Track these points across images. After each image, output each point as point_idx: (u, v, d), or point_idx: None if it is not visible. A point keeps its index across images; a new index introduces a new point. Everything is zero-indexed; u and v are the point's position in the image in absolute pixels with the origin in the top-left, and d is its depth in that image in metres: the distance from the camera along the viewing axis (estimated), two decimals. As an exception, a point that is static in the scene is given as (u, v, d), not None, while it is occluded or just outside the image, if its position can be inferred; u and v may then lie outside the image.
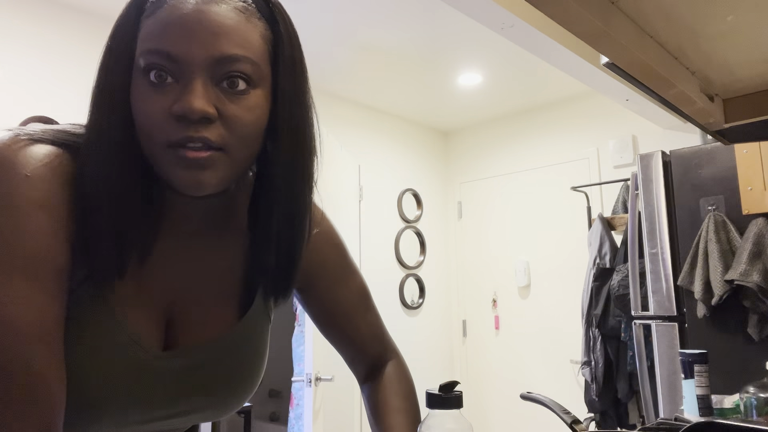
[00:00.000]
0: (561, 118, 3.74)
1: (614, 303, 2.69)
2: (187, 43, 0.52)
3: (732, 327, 2.20)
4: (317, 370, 2.39)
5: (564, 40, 2.29)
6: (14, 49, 2.31)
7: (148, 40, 0.53)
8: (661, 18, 0.72)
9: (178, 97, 0.53)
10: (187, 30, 0.52)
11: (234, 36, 0.54)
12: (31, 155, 0.53)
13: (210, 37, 0.53)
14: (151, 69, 0.53)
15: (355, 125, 3.73)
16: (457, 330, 4.16)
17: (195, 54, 0.53)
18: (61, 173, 0.54)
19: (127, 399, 0.58)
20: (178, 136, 0.53)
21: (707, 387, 1.32)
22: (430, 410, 0.64)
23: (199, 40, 0.53)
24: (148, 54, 0.53)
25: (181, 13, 0.53)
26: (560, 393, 3.49)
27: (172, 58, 0.52)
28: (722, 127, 1.03)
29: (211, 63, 0.53)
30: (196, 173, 0.54)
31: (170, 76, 0.53)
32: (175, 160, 0.53)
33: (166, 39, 0.52)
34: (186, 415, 0.65)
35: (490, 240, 4.02)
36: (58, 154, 0.55)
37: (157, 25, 0.53)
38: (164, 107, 0.53)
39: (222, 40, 0.53)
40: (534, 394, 1.11)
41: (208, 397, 0.65)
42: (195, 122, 0.52)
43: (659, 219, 2.42)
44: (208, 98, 0.53)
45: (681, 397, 2.13)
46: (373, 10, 2.55)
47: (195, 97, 0.52)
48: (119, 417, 0.58)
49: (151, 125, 0.53)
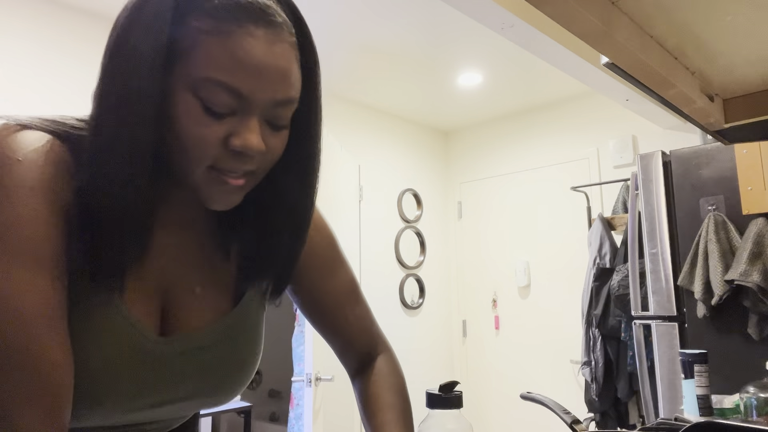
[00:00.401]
0: (561, 118, 3.74)
1: (614, 303, 2.69)
2: (257, 84, 0.54)
3: (732, 327, 2.20)
4: (317, 370, 2.39)
5: (564, 40, 2.29)
6: (14, 49, 2.31)
7: (216, 68, 0.53)
8: (661, 18, 0.72)
9: (234, 130, 0.55)
10: (258, 72, 0.54)
11: (291, 78, 0.57)
12: (22, 140, 0.53)
13: (277, 81, 0.55)
14: (214, 99, 0.53)
15: (355, 125, 3.73)
16: (457, 330, 4.16)
17: (261, 96, 0.55)
18: (53, 159, 0.54)
19: (128, 384, 0.59)
20: (227, 165, 0.56)
21: (707, 387, 1.32)
22: (430, 410, 0.64)
23: (267, 82, 0.55)
24: (215, 84, 0.53)
25: (254, 52, 0.53)
26: (560, 393, 3.49)
27: (241, 96, 0.54)
28: (722, 127, 1.03)
29: (271, 104, 0.56)
30: (230, 196, 0.58)
31: (229, 107, 0.54)
32: (214, 181, 0.57)
33: (236, 77, 0.53)
34: (184, 401, 0.65)
35: (490, 240, 4.02)
36: (49, 140, 0.55)
37: (226, 58, 0.53)
38: (218, 136, 0.55)
39: (285, 83, 0.56)
40: (534, 394, 1.11)
41: (205, 383, 0.66)
42: (247, 156, 0.56)
43: (659, 219, 2.42)
44: (261, 135, 0.56)
45: (681, 397, 2.13)
46: (373, 10, 2.55)
47: (254, 136, 0.55)
48: (121, 403, 0.59)
49: (200, 149, 0.55)
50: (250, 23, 0.53)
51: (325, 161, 0.72)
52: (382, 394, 0.76)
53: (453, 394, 0.64)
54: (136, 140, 0.54)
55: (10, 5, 2.32)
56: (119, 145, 0.54)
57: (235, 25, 0.53)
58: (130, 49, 0.54)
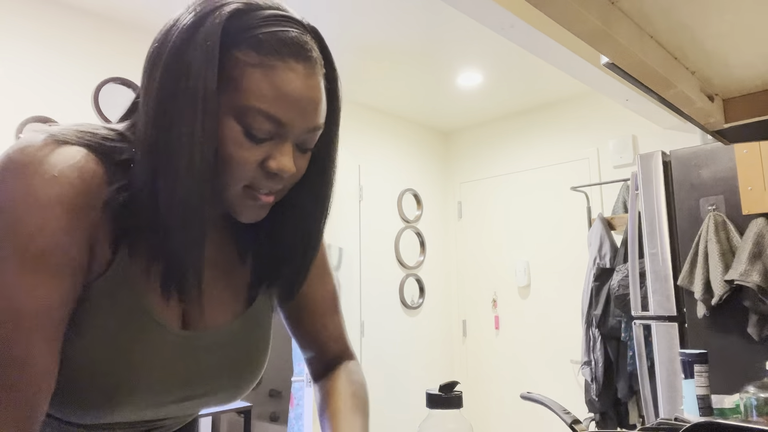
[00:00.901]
0: (561, 118, 3.74)
1: (614, 303, 2.69)
2: (295, 114, 0.60)
3: (732, 327, 2.20)
4: (317, 370, 2.39)
5: (564, 40, 2.29)
6: (14, 49, 2.31)
7: (260, 99, 0.58)
8: (661, 18, 0.72)
9: (270, 154, 0.61)
10: (297, 103, 0.60)
11: (321, 108, 0.63)
12: (59, 156, 0.57)
13: (311, 111, 0.61)
14: (256, 126, 0.59)
15: (355, 125, 3.73)
16: (457, 330, 4.16)
17: (298, 124, 0.61)
18: (85, 175, 0.57)
19: (158, 375, 0.63)
20: (261, 184, 0.62)
21: (707, 387, 1.33)
22: (430, 410, 0.64)
23: (304, 113, 0.61)
24: (258, 113, 0.58)
25: (294, 86, 0.59)
26: (560, 393, 3.49)
27: (281, 124, 0.60)
28: (722, 127, 1.03)
29: (305, 131, 0.62)
30: (260, 211, 0.65)
31: (269, 133, 0.60)
32: (247, 198, 0.62)
33: (278, 107, 0.59)
34: (206, 396, 0.70)
35: (490, 240, 4.02)
36: (83, 154, 0.58)
37: (271, 89, 0.58)
38: (257, 159, 0.60)
39: (317, 113, 0.62)
40: (534, 395, 1.11)
41: (225, 379, 0.70)
42: (281, 178, 0.62)
43: (659, 219, 2.42)
44: (294, 158, 0.63)
45: (681, 397, 2.13)
46: (373, 10, 2.55)
47: (288, 159, 0.61)
48: (150, 396, 0.63)
49: (240, 169, 0.60)
50: (291, 58, 0.59)
51: None
52: (343, 387, 0.80)
53: (453, 394, 0.64)
54: (193, 161, 0.57)
55: (10, 5, 2.32)
56: (179, 164, 0.57)
57: (278, 59, 0.58)
58: (185, 71, 0.57)
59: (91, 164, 0.58)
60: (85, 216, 0.57)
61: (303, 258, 0.73)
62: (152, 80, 0.59)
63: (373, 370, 3.58)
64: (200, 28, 0.58)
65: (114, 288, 0.60)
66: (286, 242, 0.72)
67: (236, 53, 0.58)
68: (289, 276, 0.74)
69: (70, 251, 0.56)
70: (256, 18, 0.59)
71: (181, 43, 0.58)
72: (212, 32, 0.57)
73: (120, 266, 0.60)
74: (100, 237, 0.59)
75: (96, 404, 0.60)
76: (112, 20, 2.62)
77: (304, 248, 0.73)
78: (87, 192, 0.57)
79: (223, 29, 0.58)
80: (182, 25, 0.59)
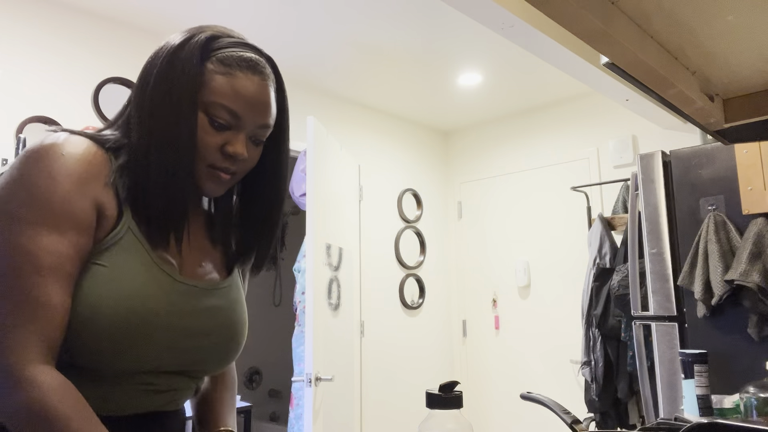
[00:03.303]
0: (561, 118, 3.74)
1: (614, 303, 2.69)
2: (249, 110, 0.80)
3: (732, 327, 2.20)
4: (317, 370, 2.39)
5: (564, 40, 2.29)
6: (14, 49, 2.31)
7: (222, 96, 0.78)
8: (661, 18, 0.72)
9: (229, 140, 0.80)
10: (251, 101, 0.80)
11: (271, 110, 0.83)
12: (68, 142, 0.75)
13: (261, 110, 0.81)
14: (218, 116, 0.78)
15: (355, 125, 3.73)
16: (457, 330, 4.16)
17: (250, 119, 0.80)
18: (88, 154, 0.75)
19: (163, 316, 0.76)
20: (221, 165, 0.81)
21: (707, 387, 1.33)
22: (430, 410, 0.64)
23: (256, 110, 0.81)
24: (221, 108, 0.78)
25: (249, 89, 0.80)
26: (560, 393, 3.49)
27: (237, 116, 0.79)
28: (722, 127, 1.03)
29: (256, 126, 0.82)
30: (219, 187, 0.83)
31: (228, 124, 0.79)
32: (210, 176, 0.81)
33: (236, 103, 0.79)
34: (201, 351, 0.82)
35: (489, 240, 4.02)
36: (87, 142, 0.76)
37: (231, 90, 0.79)
38: (217, 143, 0.80)
39: (266, 113, 0.82)
40: (534, 394, 1.11)
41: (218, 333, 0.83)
42: (235, 160, 0.81)
43: (659, 219, 2.42)
44: (246, 146, 0.82)
45: (681, 397, 2.13)
46: (373, 10, 2.55)
47: (242, 146, 0.81)
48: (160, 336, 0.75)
49: (204, 150, 0.79)
50: (248, 71, 0.80)
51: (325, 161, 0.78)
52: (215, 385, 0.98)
53: (453, 394, 0.64)
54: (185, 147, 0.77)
55: (10, 5, 2.31)
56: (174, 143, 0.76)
57: (238, 70, 0.79)
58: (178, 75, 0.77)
59: (93, 147, 0.76)
60: (90, 185, 0.73)
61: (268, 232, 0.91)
62: (147, 83, 0.79)
63: (373, 370, 3.58)
64: (185, 46, 0.79)
65: (125, 239, 0.76)
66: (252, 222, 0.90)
67: (208, 64, 0.79)
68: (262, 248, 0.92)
69: (79, 214, 0.71)
70: (224, 42, 0.81)
71: (172, 55, 0.78)
72: (195, 50, 0.78)
73: (126, 225, 0.76)
74: (105, 202, 0.75)
75: (122, 340, 0.72)
76: (113, 20, 2.62)
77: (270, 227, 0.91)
78: (89, 167, 0.74)
79: (201, 48, 0.79)
80: (170, 45, 0.79)
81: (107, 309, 0.71)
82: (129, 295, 0.73)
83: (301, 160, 2.97)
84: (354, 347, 3.12)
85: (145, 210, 0.77)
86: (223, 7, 2.51)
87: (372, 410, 3.53)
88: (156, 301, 0.75)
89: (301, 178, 2.89)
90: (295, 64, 3.11)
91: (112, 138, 0.79)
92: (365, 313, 3.59)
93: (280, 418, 4.40)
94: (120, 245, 0.75)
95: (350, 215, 3.19)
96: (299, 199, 2.89)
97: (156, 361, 0.77)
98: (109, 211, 0.75)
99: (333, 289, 2.72)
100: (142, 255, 0.76)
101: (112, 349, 0.72)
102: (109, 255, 0.74)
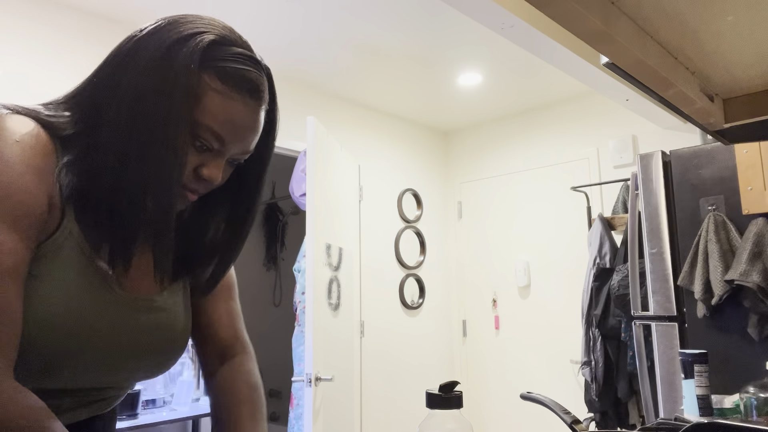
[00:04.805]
0: (561, 118, 3.74)
1: (614, 303, 2.69)
2: (236, 138, 0.72)
3: (732, 327, 2.20)
4: (317, 370, 2.39)
5: (564, 40, 2.29)
6: (14, 50, 2.31)
7: (214, 119, 0.69)
8: (661, 18, 0.71)
9: (206, 163, 0.72)
10: (241, 129, 0.71)
11: (256, 137, 0.75)
12: (16, 125, 0.65)
13: (249, 139, 0.73)
14: (204, 138, 0.70)
15: (355, 125, 3.73)
16: (457, 330, 4.16)
17: (235, 147, 0.73)
18: (41, 142, 0.66)
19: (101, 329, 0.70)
20: (191, 186, 0.73)
21: (707, 387, 1.32)
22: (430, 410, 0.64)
23: (243, 139, 0.72)
24: (208, 131, 0.69)
25: (242, 117, 0.71)
26: (560, 393, 3.49)
27: (223, 142, 0.71)
28: (722, 127, 1.03)
29: (238, 153, 0.74)
30: (183, 205, 0.76)
31: (210, 147, 0.71)
32: (179, 193, 0.72)
33: (226, 130, 0.70)
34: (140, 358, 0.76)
35: (489, 240, 4.02)
36: (35, 126, 0.66)
37: (224, 114, 0.69)
38: (194, 163, 0.71)
39: (252, 141, 0.74)
40: (534, 394, 1.11)
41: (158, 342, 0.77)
42: (209, 183, 0.73)
43: (659, 219, 2.42)
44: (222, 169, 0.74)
45: (681, 397, 2.13)
46: (373, 11, 2.55)
47: (218, 171, 0.72)
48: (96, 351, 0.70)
49: (181, 170, 0.69)
50: (247, 94, 0.71)
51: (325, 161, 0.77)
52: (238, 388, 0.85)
53: (453, 394, 0.63)
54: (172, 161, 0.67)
55: (10, 5, 2.31)
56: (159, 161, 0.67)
57: (237, 92, 0.70)
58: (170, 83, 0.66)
59: (43, 134, 0.66)
60: (45, 178, 0.65)
61: (228, 255, 0.83)
62: (129, 73, 0.67)
63: (373, 370, 3.58)
64: (184, 47, 0.67)
65: (65, 246, 0.67)
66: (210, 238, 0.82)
67: (204, 75, 0.68)
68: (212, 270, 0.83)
69: (37, 211, 0.63)
70: (227, 52, 0.70)
71: (168, 54, 0.67)
72: (195, 55, 0.67)
73: (67, 229, 0.68)
74: (55, 199, 0.66)
75: (54, 360, 0.66)
76: (113, 20, 2.62)
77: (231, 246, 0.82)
78: (44, 157, 0.65)
79: (201, 54, 0.68)
80: (168, 37, 0.68)
81: (35, 326, 0.64)
82: (60, 312, 0.66)
83: (301, 160, 2.97)
84: (354, 347, 3.12)
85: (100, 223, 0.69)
86: (224, 7, 2.51)
87: (372, 410, 3.53)
88: (93, 318, 0.69)
89: (301, 178, 2.89)
90: (296, 64, 3.11)
91: (62, 124, 0.69)
92: (365, 313, 3.59)
93: (280, 418, 4.40)
94: (57, 254, 0.67)
95: (350, 215, 3.19)
96: (299, 199, 2.89)
97: (90, 382, 0.72)
98: (54, 210, 0.66)
99: (333, 289, 2.72)
100: (80, 265, 0.68)
101: (41, 367, 0.66)
102: (44, 264, 0.66)
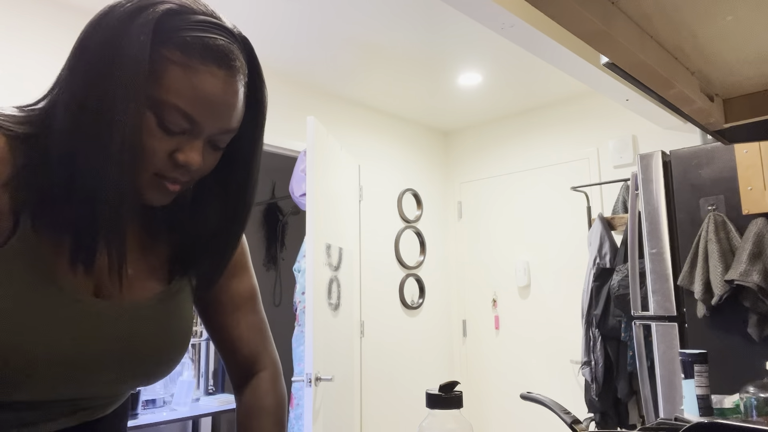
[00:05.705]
0: (561, 118, 3.75)
1: (614, 303, 2.69)
2: (209, 114, 0.63)
3: (732, 327, 2.20)
4: (317, 370, 2.39)
5: (564, 40, 2.29)
6: (14, 50, 2.31)
7: (177, 96, 0.60)
8: (661, 18, 0.72)
9: (181, 147, 0.63)
10: (213, 106, 0.62)
11: (237, 113, 0.66)
12: None
13: (225, 114, 0.64)
14: (170, 120, 0.61)
15: (355, 125, 3.73)
16: (457, 330, 4.16)
17: (210, 125, 0.64)
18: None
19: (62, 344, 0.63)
20: (170, 174, 0.64)
21: (707, 387, 1.33)
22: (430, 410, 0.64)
23: (218, 115, 0.63)
24: (174, 110, 0.61)
25: (212, 90, 0.62)
26: (560, 393, 3.49)
27: (194, 122, 0.62)
28: (722, 127, 1.03)
29: (216, 132, 0.65)
30: (165, 197, 0.67)
31: (181, 129, 0.62)
32: (155, 185, 0.65)
33: (194, 107, 0.61)
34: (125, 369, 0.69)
35: (490, 240, 4.02)
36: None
37: (189, 89, 0.61)
38: (167, 149, 0.63)
39: (231, 117, 0.65)
40: (534, 394, 1.11)
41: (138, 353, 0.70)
42: (188, 169, 0.64)
43: (659, 219, 2.42)
44: (202, 153, 0.65)
45: (681, 397, 2.13)
46: (373, 11, 2.55)
47: (196, 155, 0.64)
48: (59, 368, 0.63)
49: (149, 157, 0.62)
50: (213, 64, 0.61)
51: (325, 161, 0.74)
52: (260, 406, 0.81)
53: (453, 394, 0.64)
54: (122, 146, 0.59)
55: (10, 6, 2.32)
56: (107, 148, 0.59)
57: (201, 63, 0.61)
58: (117, 60, 0.59)
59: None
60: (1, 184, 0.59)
61: (222, 252, 0.76)
62: (80, 61, 0.61)
63: (373, 370, 3.58)
64: (135, 20, 0.59)
65: (13, 260, 0.60)
66: (206, 233, 0.74)
67: (162, 49, 0.60)
68: (207, 267, 0.76)
69: None
70: (187, 21, 0.61)
71: (116, 32, 0.59)
72: (146, 27, 0.59)
73: (21, 239, 0.61)
74: (4, 209, 0.60)
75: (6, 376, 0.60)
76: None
77: (225, 242, 0.75)
78: None
79: (155, 25, 0.59)
80: (117, 14, 0.60)
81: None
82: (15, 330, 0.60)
83: (301, 160, 2.97)
84: (354, 347, 3.12)
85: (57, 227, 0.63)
86: (224, 7, 2.51)
87: (372, 410, 3.53)
88: (45, 332, 0.61)
89: (301, 178, 2.89)
90: (296, 64, 3.11)
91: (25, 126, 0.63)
92: (365, 313, 3.59)
93: (280, 418, 4.39)
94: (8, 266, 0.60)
95: (350, 215, 3.19)
96: (299, 199, 2.89)
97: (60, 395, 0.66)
98: (5, 220, 0.60)
99: (333, 289, 2.72)
100: (32, 273, 0.61)
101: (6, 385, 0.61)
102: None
